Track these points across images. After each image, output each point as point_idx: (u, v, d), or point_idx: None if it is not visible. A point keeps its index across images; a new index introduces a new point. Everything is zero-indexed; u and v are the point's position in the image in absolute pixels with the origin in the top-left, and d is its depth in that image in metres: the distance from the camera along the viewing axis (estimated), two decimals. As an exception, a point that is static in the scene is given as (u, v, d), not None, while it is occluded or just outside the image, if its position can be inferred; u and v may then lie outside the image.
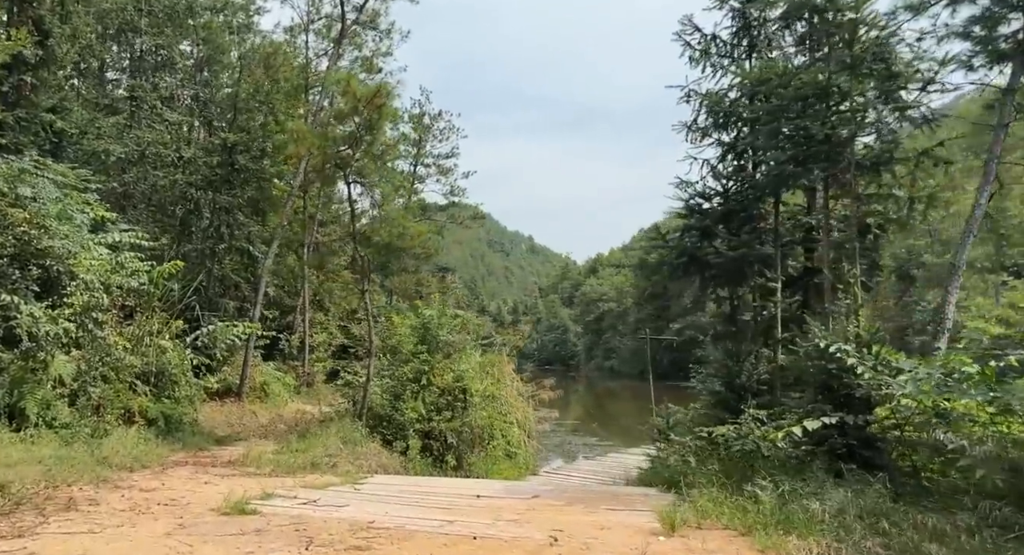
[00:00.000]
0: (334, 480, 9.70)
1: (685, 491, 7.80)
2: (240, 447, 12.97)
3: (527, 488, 8.91)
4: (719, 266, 8.92)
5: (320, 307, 31.79)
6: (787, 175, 8.29)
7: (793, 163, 8.18)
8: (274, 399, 20.37)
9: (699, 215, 9.15)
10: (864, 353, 6.76)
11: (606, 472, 16.28)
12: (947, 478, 6.14)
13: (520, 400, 18.59)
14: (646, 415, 44.28)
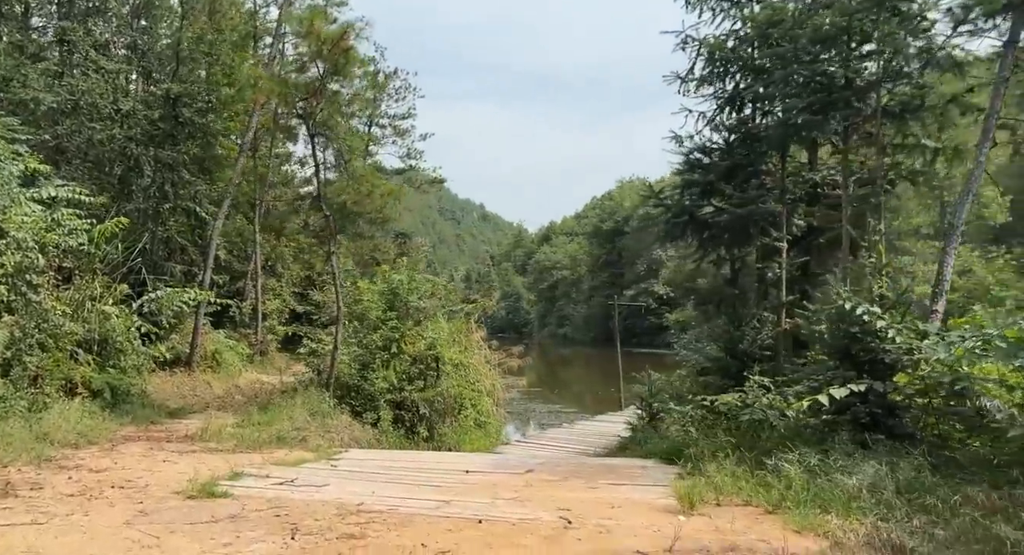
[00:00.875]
0: (306, 456, 8.95)
1: (690, 464, 7.37)
2: (196, 420, 12.05)
3: (516, 462, 8.37)
4: (722, 225, 8.38)
5: (272, 273, 30.44)
6: (803, 125, 7.73)
7: (809, 112, 7.63)
8: (227, 368, 19.29)
9: (701, 170, 8.54)
10: (892, 315, 6.36)
11: (582, 440, 15.91)
12: (979, 449, 5.82)
13: (488, 368, 18.01)
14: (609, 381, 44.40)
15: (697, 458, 7.36)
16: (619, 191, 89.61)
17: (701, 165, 8.59)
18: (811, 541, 4.91)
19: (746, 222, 8.11)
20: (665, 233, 9.30)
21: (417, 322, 14.12)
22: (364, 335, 13.83)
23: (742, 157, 8.31)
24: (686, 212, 8.81)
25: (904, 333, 6.17)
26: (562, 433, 17.25)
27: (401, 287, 14.31)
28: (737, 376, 8.12)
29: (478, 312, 16.85)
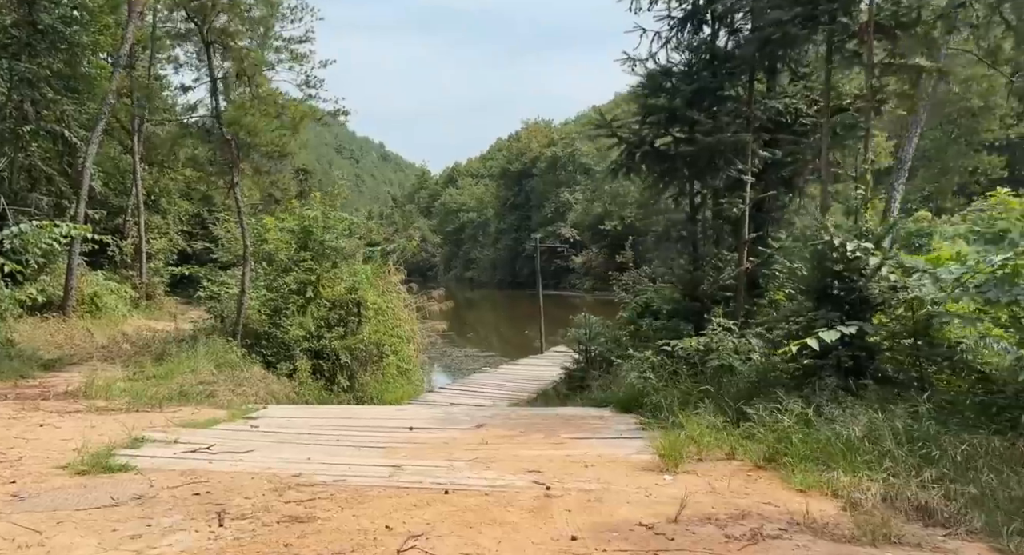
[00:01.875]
0: (218, 415, 7.79)
1: (652, 413, 6.87)
2: (77, 373, 10.46)
3: (464, 416, 7.60)
4: (685, 156, 7.69)
5: (156, 209, 27.64)
6: (782, 40, 7.06)
7: (793, 25, 6.94)
8: (109, 314, 17.23)
9: (665, 95, 7.76)
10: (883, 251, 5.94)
11: (512, 386, 15.42)
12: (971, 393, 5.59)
13: (407, 313, 17.03)
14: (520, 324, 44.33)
15: (660, 407, 6.87)
16: (526, 133, 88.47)
17: (663, 89, 7.80)
18: (821, 501, 4.45)
19: (712, 152, 7.47)
20: (619, 165, 8.53)
21: (334, 264, 12.87)
22: (274, 277, 12.45)
23: (707, 81, 7.59)
24: (644, 142, 8.07)
25: (897, 270, 5.80)
26: (488, 378, 16.71)
27: (315, 225, 12.95)
28: (696, 319, 7.65)
29: (399, 253, 15.71)
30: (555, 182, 74.41)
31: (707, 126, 7.51)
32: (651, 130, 8.06)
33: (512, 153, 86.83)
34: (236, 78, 26.56)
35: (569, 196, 71.11)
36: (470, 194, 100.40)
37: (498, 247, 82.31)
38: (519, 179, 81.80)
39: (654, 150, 8.04)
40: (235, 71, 27.53)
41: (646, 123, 8.04)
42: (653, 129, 8.03)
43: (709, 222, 8.08)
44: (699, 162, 7.63)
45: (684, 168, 7.89)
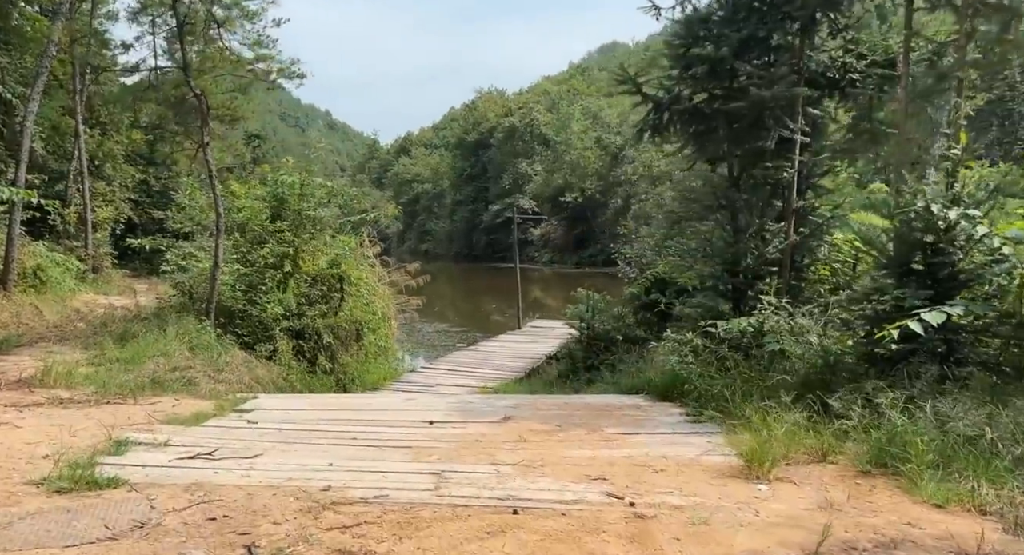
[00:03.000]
0: (204, 407, 6.86)
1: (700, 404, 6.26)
2: (28, 357, 9.28)
3: (484, 406, 6.84)
4: (729, 114, 6.91)
5: (100, 175, 25.64)
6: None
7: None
8: (54, 288, 15.76)
9: (712, 44, 6.90)
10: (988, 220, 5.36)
11: (497, 364, 14.74)
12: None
13: (382, 288, 16.09)
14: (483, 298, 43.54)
15: (707, 396, 6.26)
16: (483, 102, 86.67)
17: (705, 38, 6.96)
18: (969, 520, 3.80)
19: (760, 109, 6.74)
20: (645, 127, 7.75)
21: (312, 235, 11.84)
22: (248, 250, 11.35)
23: (755, 27, 6.77)
24: (680, 99, 7.27)
25: (1010, 242, 5.22)
26: (469, 356, 15.99)
27: (290, 192, 11.86)
28: (737, 297, 7.04)
29: (376, 222, 14.69)
30: (513, 153, 73.24)
31: (758, 79, 6.77)
32: (690, 85, 7.26)
33: (468, 123, 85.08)
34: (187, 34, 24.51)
35: (528, 167, 70.14)
36: (424, 164, 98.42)
37: (454, 219, 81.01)
38: (476, 149, 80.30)
39: (692, 108, 7.27)
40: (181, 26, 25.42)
41: (684, 77, 7.24)
42: (692, 84, 7.24)
43: (750, 189, 7.36)
44: (744, 120, 6.92)
45: (725, 127, 7.17)
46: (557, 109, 67.94)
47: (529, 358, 15.64)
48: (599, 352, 10.53)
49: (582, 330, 11.04)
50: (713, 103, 7.20)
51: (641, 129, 7.98)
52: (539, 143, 70.72)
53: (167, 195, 28.67)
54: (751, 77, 6.85)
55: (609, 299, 11.46)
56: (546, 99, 78.73)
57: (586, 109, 65.51)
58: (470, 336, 22.84)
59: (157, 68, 15.56)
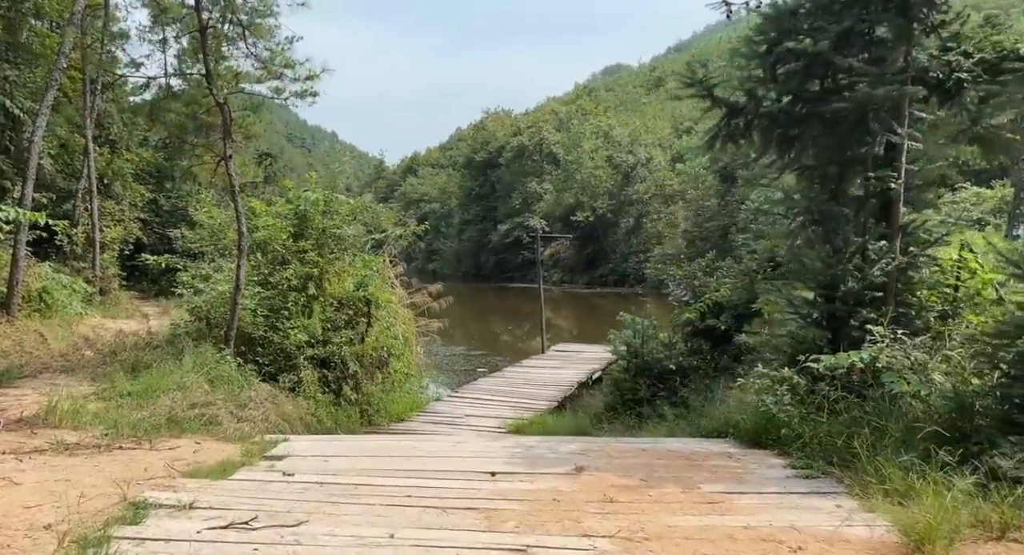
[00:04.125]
0: (229, 452, 6.01)
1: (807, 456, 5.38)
2: (31, 390, 8.47)
3: (548, 453, 5.94)
4: (825, 117, 6.07)
5: (109, 194, 24.99)
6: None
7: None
8: (60, 312, 14.96)
9: (810, 38, 6.05)
10: None
11: (528, 393, 13.90)
12: None
13: (404, 310, 15.29)
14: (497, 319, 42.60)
15: (816, 445, 5.38)
16: (491, 122, 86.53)
17: (797, 31, 6.14)
18: None
19: (863, 111, 5.92)
20: (718, 134, 6.92)
21: (337, 255, 11.07)
22: (269, 271, 10.56)
23: (858, 19, 5.96)
24: (761, 100, 6.41)
25: None
26: (497, 385, 15.13)
27: (314, 209, 11.10)
28: (836, 326, 6.18)
29: (402, 242, 13.95)
30: (522, 172, 72.74)
31: (861, 76, 5.95)
32: (778, 85, 6.44)
33: (477, 142, 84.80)
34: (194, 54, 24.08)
35: (537, 186, 69.58)
36: (432, 184, 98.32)
37: (462, 239, 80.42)
38: (484, 169, 79.86)
39: (779, 111, 6.46)
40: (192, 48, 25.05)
41: (769, 77, 6.43)
42: (782, 83, 6.43)
43: (850, 202, 6.48)
44: (845, 124, 6.12)
45: (820, 132, 6.35)
46: (568, 128, 67.54)
47: (560, 386, 14.80)
48: (650, 383, 9.68)
49: (628, 358, 10.18)
50: (805, 105, 6.40)
51: (714, 136, 7.19)
52: (548, 162, 70.27)
53: (177, 214, 28.05)
54: (857, 73, 6.05)
55: (655, 323, 10.61)
56: (554, 119, 78.47)
57: (597, 128, 65.04)
58: (490, 361, 21.96)
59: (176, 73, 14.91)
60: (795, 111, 6.50)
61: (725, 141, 7.16)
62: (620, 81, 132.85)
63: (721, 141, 7.18)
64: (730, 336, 9.66)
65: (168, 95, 14.33)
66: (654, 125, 71.62)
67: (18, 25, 20.35)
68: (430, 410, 12.73)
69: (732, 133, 6.97)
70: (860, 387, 5.57)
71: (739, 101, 6.81)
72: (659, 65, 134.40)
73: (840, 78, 6.35)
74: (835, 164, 6.55)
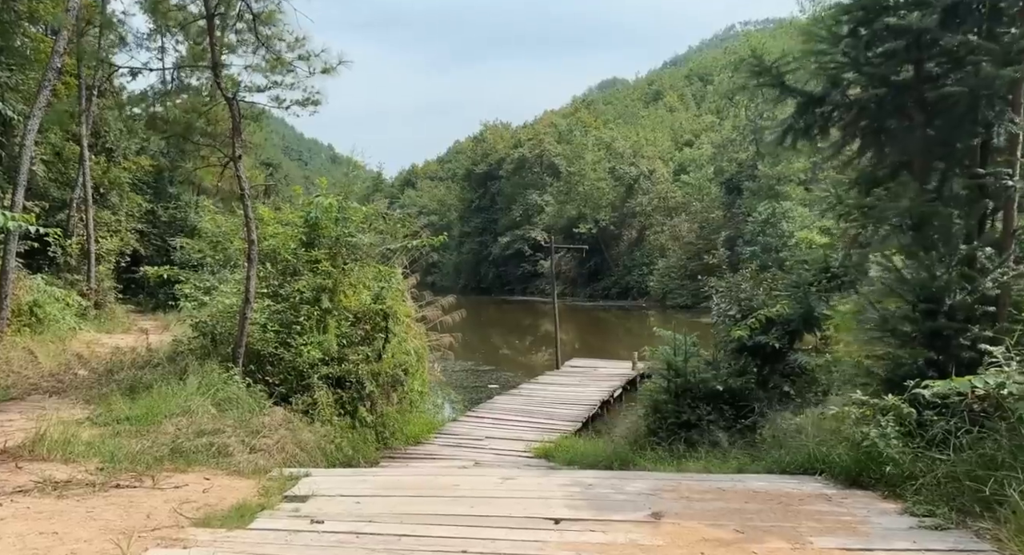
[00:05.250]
0: (244, 491, 5.20)
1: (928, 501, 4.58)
2: (18, 414, 7.65)
3: (614, 493, 5.13)
4: (929, 105, 5.30)
5: (105, 204, 24.19)
6: None
7: None
8: (52, 327, 14.11)
9: (913, 9, 5.26)
10: None
11: (547, 412, 13.14)
12: None
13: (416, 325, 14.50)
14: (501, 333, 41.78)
15: (935, 486, 4.59)
16: (491, 134, 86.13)
17: (902, 2, 5.32)
18: None
19: (977, 98, 5.15)
20: (794, 128, 6.16)
21: (352, 265, 10.29)
22: (280, 283, 9.77)
23: None
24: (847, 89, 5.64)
25: None
26: (515, 403, 14.33)
27: (326, 216, 10.34)
28: (942, 346, 5.40)
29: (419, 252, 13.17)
30: (522, 184, 72.17)
31: (980, 54, 5.16)
32: (871, 69, 5.66)
33: (477, 154, 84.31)
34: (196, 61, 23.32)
35: (538, 198, 68.97)
36: (430, 196, 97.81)
37: (462, 251, 79.74)
38: (484, 181, 79.31)
39: (869, 99, 5.69)
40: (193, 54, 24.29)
41: (858, 60, 5.65)
42: (878, 65, 5.65)
43: (957, 203, 5.69)
44: (951, 113, 5.36)
45: (921, 122, 5.57)
46: (570, 139, 67.06)
47: (581, 405, 14.01)
48: (694, 405, 8.88)
49: (669, 377, 9.38)
50: (901, 92, 5.63)
51: (787, 130, 6.44)
52: (549, 174, 69.69)
53: (175, 226, 27.26)
54: (975, 51, 5.27)
55: (695, 340, 9.83)
56: (553, 131, 78.04)
57: (599, 139, 64.58)
58: (500, 376, 21.17)
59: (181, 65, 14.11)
60: (888, 99, 5.76)
61: (799, 136, 6.42)
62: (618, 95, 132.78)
63: (794, 137, 6.43)
64: (781, 354, 8.89)
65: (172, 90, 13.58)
66: (654, 137, 71.22)
67: (11, 29, 19.65)
68: (447, 431, 11.93)
69: (808, 127, 6.23)
70: (981, 417, 4.79)
71: (815, 91, 6.08)
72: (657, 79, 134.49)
73: (942, 61, 5.62)
74: (938, 159, 5.79)
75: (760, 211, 41.33)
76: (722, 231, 46.88)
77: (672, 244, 53.44)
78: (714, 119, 74.84)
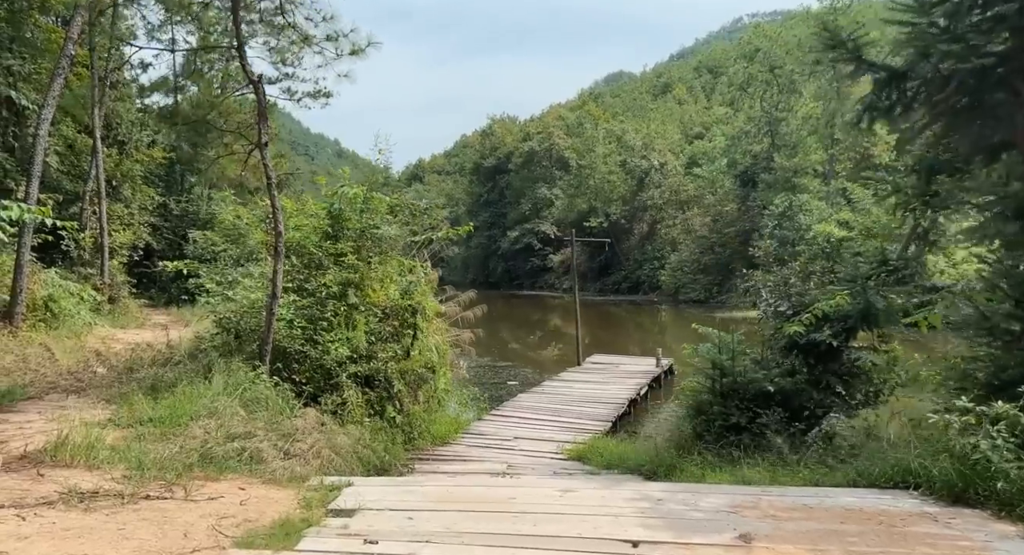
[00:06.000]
0: (284, 503, 4.81)
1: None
2: (36, 415, 7.28)
3: (696, 512, 4.69)
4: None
5: (117, 197, 23.85)
6: None
7: None
8: (68, 322, 13.76)
9: None
10: None
11: (575, 411, 12.72)
12: None
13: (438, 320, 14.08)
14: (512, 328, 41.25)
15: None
16: (499, 127, 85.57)
17: None
18: None
19: None
20: (875, 107, 5.66)
21: (379, 258, 9.88)
22: (305, 277, 9.36)
23: None
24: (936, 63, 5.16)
25: None
26: (541, 401, 13.89)
27: (351, 206, 9.92)
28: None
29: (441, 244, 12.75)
30: (531, 178, 71.65)
31: None
32: (975, 36, 5.13)
33: (485, 148, 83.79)
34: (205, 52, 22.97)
35: (547, 192, 68.45)
36: (438, 191, 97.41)
37: (470, 246, 79.26)
38: (493, 174, 78.84)
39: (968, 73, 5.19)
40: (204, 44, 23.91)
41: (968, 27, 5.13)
42: (985, 33, 5.14)
43: None
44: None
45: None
46: (580, 132, 66.41)
47: (609, 403, 13.56)
48: (744, 407, 8.42)
49: (715, 377, 8.93)
50: (1007, 62, 5.10)
51: (867, 108, 5.93)
52: (559, 168, 69.10)
53: (187, 219, 26.92)
54: None
55: (740, 338, 9.37)
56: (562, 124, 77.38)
57: (609, 132, 63.89)
58: (520, 373, 20.76)
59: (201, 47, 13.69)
60: (991, 72, 5.23)
61: (878, 116, 5.93)
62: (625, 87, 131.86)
63: (871, 116, 5.94)
64: (836, 352, 8.42)
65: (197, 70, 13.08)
66: (663, 130, 70.53)
67: (21, 18, 19.28)
68: (474, 431, 11.50)
69: (891, 105, 5.73)
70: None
71: (898, 65, 5.58)
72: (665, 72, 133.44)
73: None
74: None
75: (777, 204, 40.68)
76: (736, 224, 46.28)
77: (684, 238, 52.84)
78: (726, 111, 74.08)
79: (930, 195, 7.65)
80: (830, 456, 6.19)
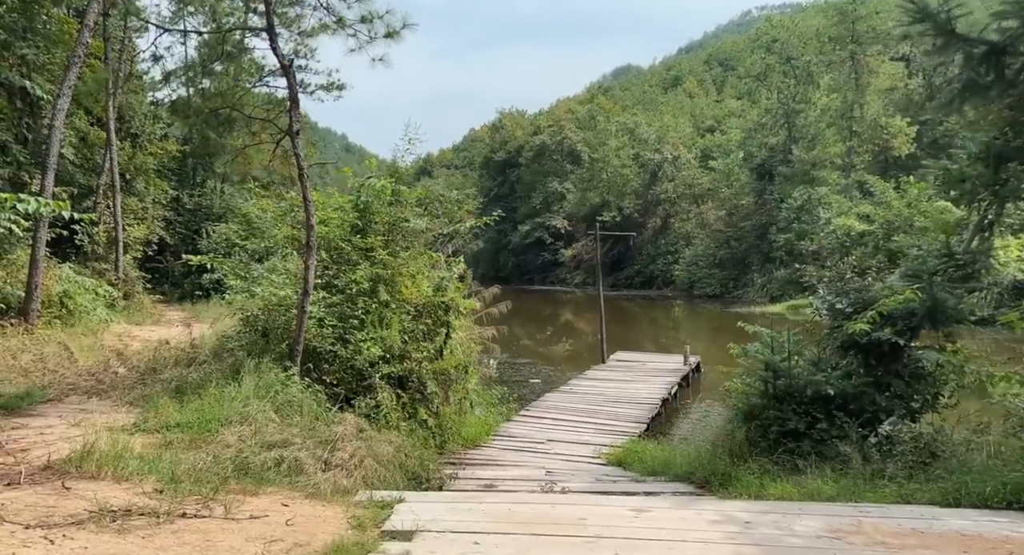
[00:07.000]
0: (333, 523, 4.39)
1: None
2: (57, 419, 6.89)
3: (765, 527, 4.25)
4: None
5: (131, 191, 23.52)
6: None
7: None
8: (83, 318, 13.45)
9: None
10: None
11: (608, 412, 12.28)
12: None
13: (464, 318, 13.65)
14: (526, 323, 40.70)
15: None
16: (509, 121, 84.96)
17: None
18: None
19: None
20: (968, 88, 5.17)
21: (411, 253, 9.44)
22: (335, 273, 8.93)
23: None
24: None
25: None
26: (570, 401, 13.46)
27: (379, 199, 9.48)
28: None
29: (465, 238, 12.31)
30: (542, 172, 71.04)
31: None
32: None
33: (495, 142, 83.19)
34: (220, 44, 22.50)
35: (559, 186, 67.85)
36: (447, 185, 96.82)
37: (480, 240, 78.75)
38: (503, 168, 78.25)
39: None
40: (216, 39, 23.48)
41: None
42: None
43: None
44: None
45: None
46: (593, 125, 65.75)
47: (642, 404, 13.12)
48: (801, 412, 7.95)
49: (768, 379, 8.45)
50: None
51: (966, 87, 5.42)
52: (570, 162, 68.50)
53: (200, 213, 26.60)
54: None
55: (798, 336, 8.88)
56: (572, 118, 76.71)
57: (622, 125, 63.23)
58: (541, 371, 20.34)
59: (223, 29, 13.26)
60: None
61: (971, 97, 5.43)
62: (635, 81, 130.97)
63: (963, 97, 5.44)
64: (898, 353, 7.93)
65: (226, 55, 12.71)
66: (675, 123, 69.77)
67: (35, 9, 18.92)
68: (505, 433, 11.08)
69: (989, 84, 5.23)
70: None
71: (998, 39, 5.08)
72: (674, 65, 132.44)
73: None
74: None
75: (795, 197, 40.01)
76: (753, 218, 45.61)
77: (699, 232, 52.21)
78: (739, 103, 73.27)
79: (1000, 184, 7.16)
80: (909, 466, 5.72)
